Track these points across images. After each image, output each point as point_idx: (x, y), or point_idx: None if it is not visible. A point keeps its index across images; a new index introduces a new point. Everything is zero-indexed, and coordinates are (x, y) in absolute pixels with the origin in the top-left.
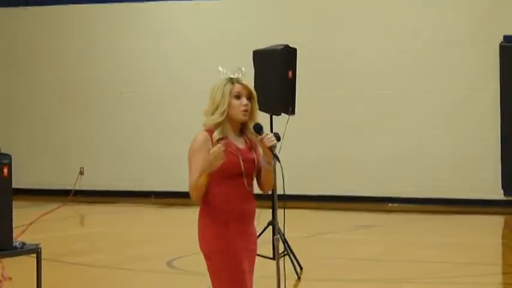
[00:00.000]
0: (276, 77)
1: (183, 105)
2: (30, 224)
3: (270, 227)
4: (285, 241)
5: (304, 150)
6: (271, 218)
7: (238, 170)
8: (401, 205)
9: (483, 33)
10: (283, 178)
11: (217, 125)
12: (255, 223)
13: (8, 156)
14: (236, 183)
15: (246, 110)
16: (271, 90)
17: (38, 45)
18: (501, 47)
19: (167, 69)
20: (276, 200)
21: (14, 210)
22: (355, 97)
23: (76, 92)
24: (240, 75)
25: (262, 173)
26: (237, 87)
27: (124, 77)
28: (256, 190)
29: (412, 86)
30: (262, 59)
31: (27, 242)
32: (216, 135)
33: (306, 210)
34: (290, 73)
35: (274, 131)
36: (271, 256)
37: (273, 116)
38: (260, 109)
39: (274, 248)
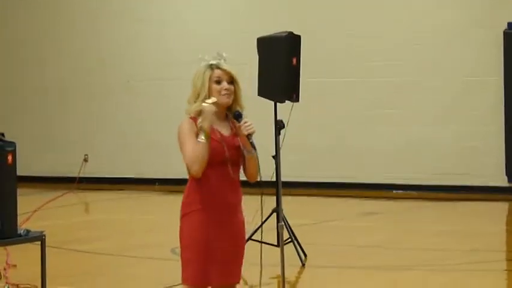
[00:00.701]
0: (280, 64)
1: (187, 94)
2: (35, 211)
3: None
4: (289, 228)
5: (308, 137)
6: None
7: (223, 158)
8: (405, 192)
9: (486, 20)
10: (258, 167)
11: (199, 113)
12: (243, 211)
13: (12, 144)
14: (221, 171)
15: (227, 93)
16: (275, 78)
17: (41, 34)
18: (505, 34)
19: (171, 59)
20: (280, 187)
21: (18, 197)
22: (359, 84)
23: (81, 80)
24: (221, 60)
25: (245, 161)
26: (217, 73)
27: (128, 66)
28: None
29: (416, 73)
30: (267, 46)
31: (32, 229)
32: (200, 122)
33: (310, 197)
34: (294, 60)
35: (278, 118)
36: (275, 243)
37: (277, 103)
38: (264, 96)
39: (279, 235)
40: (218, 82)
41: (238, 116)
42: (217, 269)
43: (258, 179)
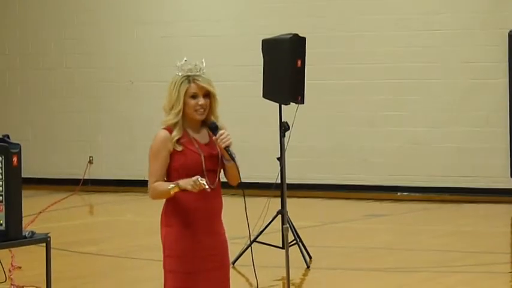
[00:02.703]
0: (284, 66)
1: None
2: (40, 213)
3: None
4: (294, 230)
5: (313, 139)
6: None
7: (201, 169)
8: (410, 194)
9: (491, 21)
10: (239, 173)
11: (175, 125)
12: (222, 220)
13: (17, 145)
14: None
15: (202, 110)
16: (280, 80)
17: (46, 33)
18: (510, 35)
19: (178, 59)
20: (285, 189)
21: (23, 199)
22: (363, 86)
23: (85, 80)
24: (199, 72)
25: (226, 170)
26: (193, 88)
27: (134, 66)
28: (264, 178)
29: (420, 75)
30: (271, 48)
31: (37, 231)
32: (175, 135)
33: (314, 199)
34: (299, 62)
35: (283, 120)
36: (280, 245)
37: (282, 105)
38: (269, 98)
39: (284, 237)
40: (194, 97)
41: (214, 129)
42: (205, 277)
43: (239, 181)
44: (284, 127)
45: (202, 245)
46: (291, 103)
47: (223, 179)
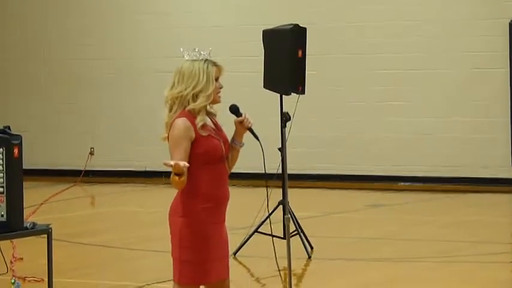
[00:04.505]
0: (285, 56)
1: None
2: (41, 204)
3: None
4: (295, 221)
5: (314, 129)
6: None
7: (221, 154)
8: (412, 184)
9: (492, 11)
10: (263, 157)
11: (200, 110)
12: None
13: (18, 137)
14: (217, 168)
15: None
16: (281, 70)
17: (48, 23)
18: (511, 25)
19: (178, 51)
20: (286, 180)
21: (24, 190)
22: (365, 76)
23: (87, 71)
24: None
25: (232, 154)
26: (217, 71)
27: (135, 57)
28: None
29: (422, 65)
30: (272, 38)
31: (38, 222)
32: (200, 120)
33: (316, 189)
34: (300, 52)
35: (284, 110)
36: (282, 236)
37: (283, 96)
38: (270, 88)
39: (285, 227)
40: (217, 80)
41: (237, 110)
42: (215, 266)
43: (264, 171)
44: (285, 117)
45: (215, 233)
46: (292, 93)
47: None
